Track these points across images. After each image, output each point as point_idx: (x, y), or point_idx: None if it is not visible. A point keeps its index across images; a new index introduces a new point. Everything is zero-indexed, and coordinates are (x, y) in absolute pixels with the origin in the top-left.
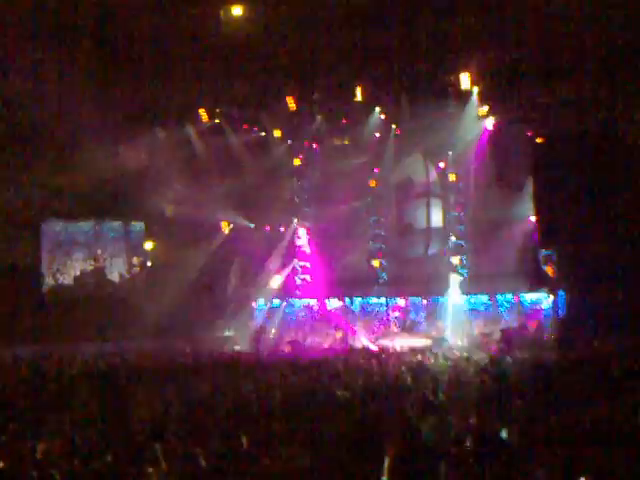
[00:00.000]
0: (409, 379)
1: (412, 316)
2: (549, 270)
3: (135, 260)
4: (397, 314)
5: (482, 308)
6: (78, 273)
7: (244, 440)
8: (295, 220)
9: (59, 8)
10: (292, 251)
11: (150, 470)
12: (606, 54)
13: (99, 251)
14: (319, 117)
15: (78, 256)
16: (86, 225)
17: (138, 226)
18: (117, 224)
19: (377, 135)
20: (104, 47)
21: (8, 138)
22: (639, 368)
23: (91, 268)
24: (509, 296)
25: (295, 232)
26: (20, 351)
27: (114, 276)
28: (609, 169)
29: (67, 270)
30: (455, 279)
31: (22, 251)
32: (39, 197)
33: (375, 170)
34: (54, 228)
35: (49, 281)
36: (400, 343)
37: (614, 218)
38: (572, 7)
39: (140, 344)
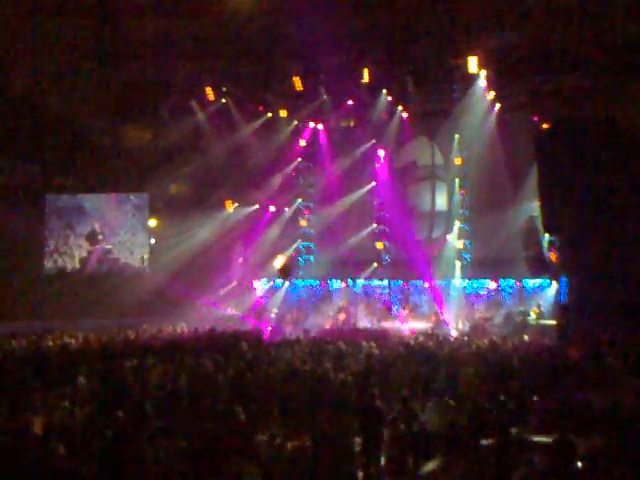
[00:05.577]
0: (409, 362)
1: (414, 299)
2: (552, 256)
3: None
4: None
5: (484, 292)
6: (85, 254)
7: (242, 417)
8: (299, 200)
9: None
10: (296, 231)
11: (150, 445)
12: (613, 42)
13: (98, 226)
14: (325, 98)
15: (82, 230)
16: (94, 197)
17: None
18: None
19: (383, 117)
20: (110, 23)
21: (13, 114)
22: (637, 357)
23: (97, 247)
24: (512, 281)
25: (299, 213)
26: (21, 327)
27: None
28: (614, 156)
29: (70, 250)
30: (458, 263)
31: (26, 224)
32: (44, 172)
33: (380, 152)
34: (59, 201)
35: (51, 259)
36: (401, 326)
37: (618, 205)
38: None
39: (141, 322)
